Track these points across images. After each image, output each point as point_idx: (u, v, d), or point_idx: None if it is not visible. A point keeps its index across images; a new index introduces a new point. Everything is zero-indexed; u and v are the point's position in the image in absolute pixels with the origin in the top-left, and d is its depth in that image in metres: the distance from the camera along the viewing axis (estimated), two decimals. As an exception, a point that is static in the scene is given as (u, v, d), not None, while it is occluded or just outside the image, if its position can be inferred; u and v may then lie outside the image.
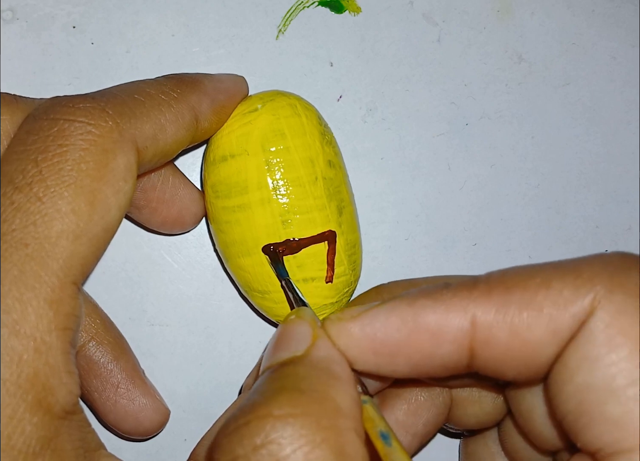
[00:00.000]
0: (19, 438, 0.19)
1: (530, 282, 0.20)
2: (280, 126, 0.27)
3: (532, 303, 0.20)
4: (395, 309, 0.21)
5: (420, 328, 0.21)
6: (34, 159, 0.21)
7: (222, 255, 0.30)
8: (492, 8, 0.34)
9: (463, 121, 0.34)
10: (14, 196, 0.20)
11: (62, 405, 0.20)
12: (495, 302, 0.20)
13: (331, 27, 0.33)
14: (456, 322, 0.20)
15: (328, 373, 0.20)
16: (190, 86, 0.26)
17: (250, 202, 0.27)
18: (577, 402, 0.19)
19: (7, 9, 0.32)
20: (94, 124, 0.21)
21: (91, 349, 0.27)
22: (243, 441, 0.18)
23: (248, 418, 0.18)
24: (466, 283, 0.21)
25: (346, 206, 0.29)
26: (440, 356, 0.21)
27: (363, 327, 0.21)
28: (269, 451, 0.18)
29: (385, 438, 0.20)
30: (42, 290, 0.20)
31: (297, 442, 0.18)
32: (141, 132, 0.23)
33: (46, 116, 0.22)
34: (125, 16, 0.32)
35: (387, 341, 0.21)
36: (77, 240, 0.20)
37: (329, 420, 0.19)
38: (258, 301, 0.29)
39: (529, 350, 0.20)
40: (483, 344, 0.20)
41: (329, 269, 0.28)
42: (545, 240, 0.34)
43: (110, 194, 0.21)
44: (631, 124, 0.35)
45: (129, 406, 0.28)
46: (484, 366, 0.21)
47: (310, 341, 0.21)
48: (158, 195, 0.29)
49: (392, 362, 0.21)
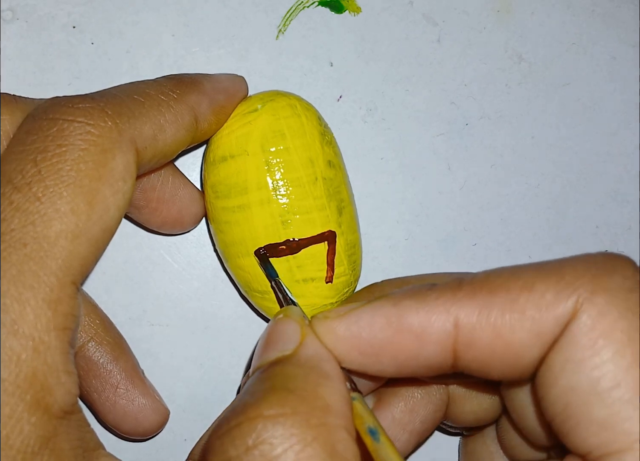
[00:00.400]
0: (17, 437, 0.19)
1: (513, 284, 0.20)
2: (280, 127, 0.27)
3: (514, 306, 0.20)
4: (380, 309, 0.21)
5: (404, 329, 0.21)
6: (33, 159, 0.21)
7: (222, 255, 0.30)
8: (492, 8, 0.34)
9: (463, 121, 0.34)
10: (13, 195, 0.20)
11: (60, 405, 0.20)
12: (478, 304, 0.20)
13: (331, 27, 0.33)
14: (439, 324, 0.20)
15: (317, 371, 0.20)
16: (189, 86, 0.26)
17: (250, 202, 0.27)
18: (564, 405, 0.19)
19: (7, 9, 0.32)
20: (93, 124, 0.21)
21: (91, 349, 0.27)
22: (235, 442, 0.18)
23: (239, 420, 0.19)
24: (451, 284, 0.21)
25: (346, 206, 0.29)
26: (424, 357, 0.21)
27: (348, 326, 0.21)
28: (260, 451, 0.18)
29: (374, 433, 0.20)
30: (40, 290, 0.20)
31: (288, 441, 0.18)
32: (140, 133, 0.23)
33: (45, 116, 0.22)
34: (125, 16, 0.32)
35: (372, 341, 0.21)
36: (76, 240, 0.20)
37: (319, 418, 0.19)
38: (258, 301, 0.29)
39: (512, 352, 0.20)
40: (466, 346, 0.20)
41: (328, 270, 0.28)
42: (545, 240, 0.34)
43: (109, 194, 0.21)
44: (631, 124, 0.35)
45: (128, 406, 0.28)
46: (467, 366, 0.21)
47: (299, 340, 0.21)
48: (158, 195, 0.29)
49: (377, 361, 0.22)
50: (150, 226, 0.30)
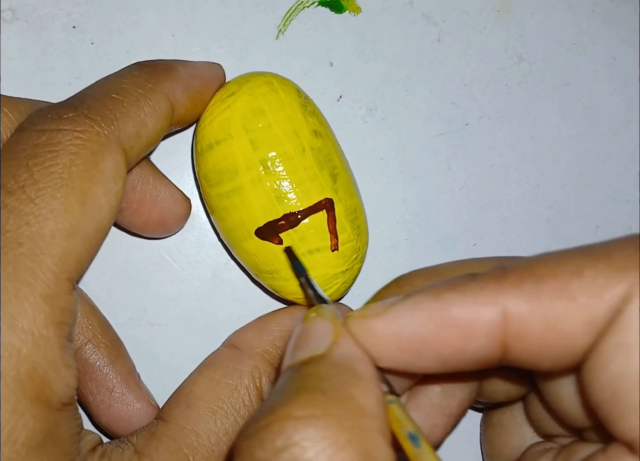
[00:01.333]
0: (21, 431, 0.19)
1: (562, 270, 0.19)
2: (259, 104, 0.27)
3: (565, 293, 0.19)
4: (420, 304, 0.20)
5: (448, 323, 0.20)
6: (25, 164, 0.21)
7: (227, 243, 0.30)
8: (492, 8, 0.34)
9: (463, 121, 0.34)
10: (7, 199, 0.21)
11: (60, 398, 0.21)
12: (526, 293, 0.19)
13: (331, 27, 0.33)
14: (486, 315, 0.19)
15: (350, 372, 0.20)
16: (163, 73, 0.26)
17: (242, 184, 0.27)
18: (612, 391, 0.18)
19: (7, 9, 0.32)
20: (81, 129, 0.22)
21: (87, 351, 0.27)
22: (264, 445, 0.17)
23: (268, 420, 0.18)
24: (494, 273, 0.20)
25: (340, 173, 0.29)
26: (471, 351, 0.20)
27: (388, 324, 0.20)
28: (291, 454, 0.17)
29: (414, 439, 0.19)
30: (37, 286, 0.20)
31: (320, 444, 0.17)
32: (125, 133, 0.23)
33: (33, 128, 0.22)
34: (125, 16, 0.32)
35: (414, 338, 0.20)
36: (71, 238, 0.21)
37: (353, 421, 0.18)
38: (269, 282, 0.29)
39: (564, 341, 0.19)
40: (516, 338, 0.19)
41: (332, 237, 0.28)
42: (545, 240, 0.34)
43: (101, 194, 0.22)
44: (631, 124, 0.35)
45: (122, 410, 0.28)
46: (516, 359, 0.20)
47: (332, 340, 0.20)
48: (139, 196, 0.29)
49: (420, 359, 0.21)
50: (133, 229, 0.30)
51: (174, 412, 0.26)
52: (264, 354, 0.28)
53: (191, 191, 0.32)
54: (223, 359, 0.28)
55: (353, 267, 0.29)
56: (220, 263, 0.33)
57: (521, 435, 0.28)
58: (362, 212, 0.30)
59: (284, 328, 0.29)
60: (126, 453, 0.24)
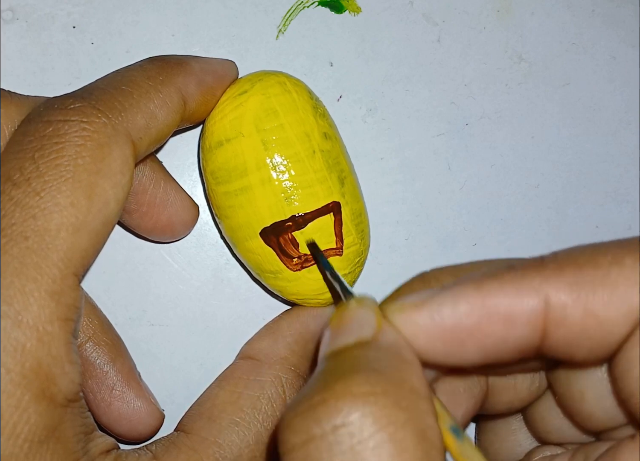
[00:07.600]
0: (24, 427, 0.19)
1: (602, 259, 0.19)
2: (271, 105, 0.27)
3: (606, 281, 0.19)
4: (461, 295, 0.20)
5: (491, 312, 0.20)
6: (31, 157, 0.21)
7: (230, 241, 0.30)
8: (492, 8, 0.34)
9: (463, 121, 0.34)
10: (13, 191, 0.20)
11: (64, 394, 0.20)
12: (567, 280, 0.19)
13: (331, 27, 0.33)
14: (530, 303, 0.19)
15: (399, 357, 0.19)
16: (175, 67, 0.26)
17: (251, 183, 0.27)
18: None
19: (7, 9, 0.32)
20: (87, 121, 0.22)
21: (88, 350, 0.27)
22: (320, 421, 0.17)
23: (323, 396, 0.17)
24: (532, 262, 0.20)
25: (347, 177, 0.29)
26: (513, 340, 0.20)
27: (430, 315, 0.20)
28: (349, 432, 0.17)
29: (457, 432, 0.19)
30: (43, 281, 0.20)
31: (380, 422, 0.17)
32: (134, 125, 0.23)
33: (40, 119, 0.22)
34: (125, 16, 0.32)
35: (457, 329, 0.20)
36: (77, 232, 0.21)
37: (409, 401, 0.18)
38: (271, 282, 0.29)
39: (603, 329, 0.19)
40: (556, 325, 0.19)
41: (337, 241, 0.28)
42: (545, 240, 0.34)
43: (108, 188, 0.22)
44: (631, 124, 0.35)
45: (123, 408, 0.28)
46: (554, 348, 0.20)
47: (376, 328, 0.20)
48: (149, 199, 0.29)
49: (461, 350, 0.20)
50: (140, 232, 0.30)
51: (195, 425, 0.26)
52: (283, 362, 0.28)
53: (192, 191, 0.32)
54: (243, 372, 0.27)
55: (355, 270, 0.29)
56: (220, 263, 0.33)
57: (516, 442, 0.28)
58: (366, 216, 0.30)
59: (295, 332, 0.29)
60: (142, 459, 0.23)
